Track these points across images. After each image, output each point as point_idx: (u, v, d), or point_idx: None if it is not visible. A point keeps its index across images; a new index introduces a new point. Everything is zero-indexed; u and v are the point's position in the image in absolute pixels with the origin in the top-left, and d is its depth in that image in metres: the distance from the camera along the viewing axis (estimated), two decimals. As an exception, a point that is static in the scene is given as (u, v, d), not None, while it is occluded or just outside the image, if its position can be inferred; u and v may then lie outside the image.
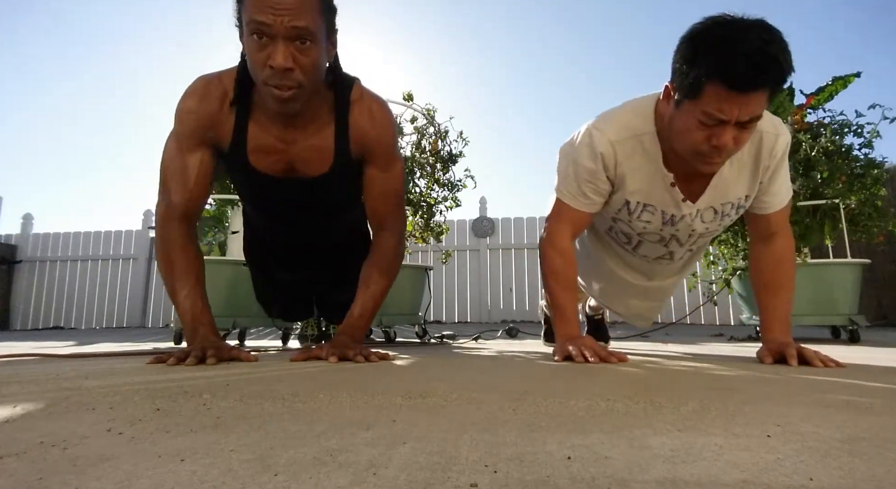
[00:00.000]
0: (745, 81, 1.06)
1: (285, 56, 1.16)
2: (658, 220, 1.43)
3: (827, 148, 2.69)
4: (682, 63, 1.15)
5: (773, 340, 1.30)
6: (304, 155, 1.39)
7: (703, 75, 1.09)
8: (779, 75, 1.07)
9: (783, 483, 0.37)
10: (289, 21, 1.13)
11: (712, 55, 1.08)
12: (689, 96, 1.14)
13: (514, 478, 0.39)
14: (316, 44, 1.19)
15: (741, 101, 1.08)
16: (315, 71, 1.23)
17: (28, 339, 3.74)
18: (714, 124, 1.13)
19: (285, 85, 1.19)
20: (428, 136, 3.03)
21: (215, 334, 1.33)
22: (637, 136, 1.32)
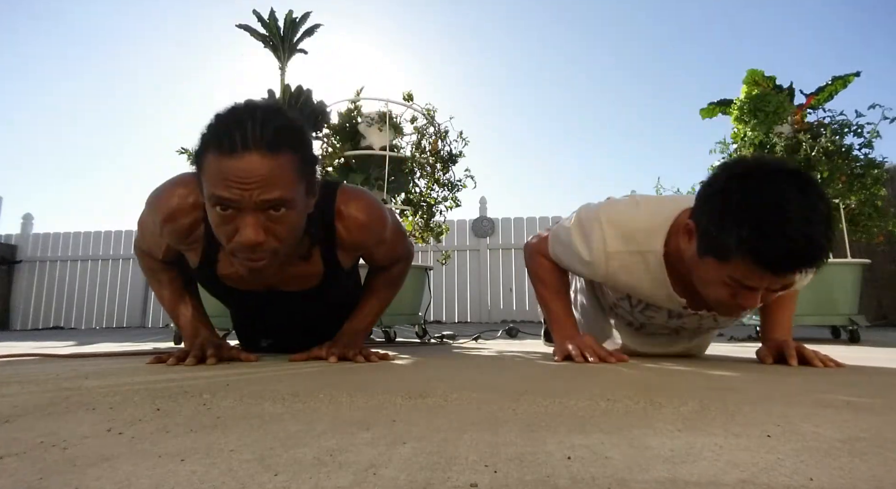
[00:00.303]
0: (782, 268, 0.96)
1: (255, 231, 0.99)
2: (663, 316, 1.37)
3: (827, 148, 2.69)
4: (710, 220, 1.03)
5: (773, 340, 1.30)
6: (287, 279, 1.28)
7: (733, 247, 0.97)
8: (819, 261, 0.96)
9: (783, 483, 0.37)
10: (258, 195, 0.97)
11: (746, 230, 0.95)
12: (715, 256, 1.03)
13: (514, 478, 0.39)
14: (293, 209, 1.03)
15: (774, 278, 0.99)
16: (291, 235, 1.08)
17: (28, 339, 3.74)
18: (741, 288, 1.03)
19: (257, 257, 1.04)
20: (428, 136, 3.03)
21: (215, 334, 1.34)
22: (641, 252, 1.21)
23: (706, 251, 1.05)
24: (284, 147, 1.00)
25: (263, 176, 0.97)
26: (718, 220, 1.01)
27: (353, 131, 2.91)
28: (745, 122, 2.90)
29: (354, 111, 2.95)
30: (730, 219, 0.99)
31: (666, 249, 1.19)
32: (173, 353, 1.21)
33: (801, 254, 0.94)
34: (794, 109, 2.91)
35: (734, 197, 1.00)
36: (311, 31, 2.78)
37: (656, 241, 1.19)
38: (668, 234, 1.19)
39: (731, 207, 0.99)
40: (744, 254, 0.97)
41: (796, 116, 2.90)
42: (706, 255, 1.05)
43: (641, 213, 1.25)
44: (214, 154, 0.98)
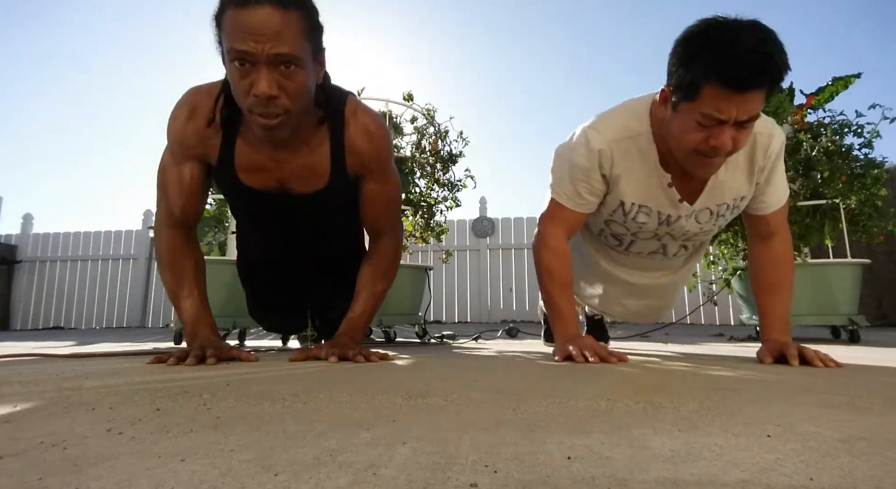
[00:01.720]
0: (743, 81, 1.06)
1: (269, 83, 1.10)
2: (654, 220, 1.44)
3: (827, 148, 2.69)
4: (678, 65, 1.15)
5: (772, 340, 1.30)
6: (297, 173, 1.35)
7: (700, 77, 1.09)
8: (776, 73, 1.07)
9: (783, 483, 0.37)
10: (271, 48, 1.08)
11: (708, 56, 1.08)
12: (686, 98, 1.14)
13: (514, 478, 0.39)
14: (302, 68, 1.14)
15: (739, 101, 1.08)
16: (302, 95, 1.18)
17: (28, 339, 3.74)
18: (712, 125, 1.12)
19: (271, 112, 1.14)
20: (428, 136, 3.03)
21: (215, 334, 1.34)
22: (633, 136, 1.32)
23: (679, 97, 1.16)
24: (293, 5, 1.11)
25: (275, 30, 1.08)
26: (685, 58, 1.13)
27: (353, 131, 2.90)
28: (745, 122, 2.89)
29: (354, 111, 2.94)
30: (694, 53, 1.11)
31: (653, 129, 1.31)
32: (173, 353, 1.21)
33: (759, 64, 1.04)
34: (794, 109, 2.90)
35: (696, 38, 1.12)
36: (311, 30, 2.77)
37: (643, 123, 1.32)
38: (650, 116, 1.31)
39: (694, 44, 1.12)
40: (709, 79, 1.08)
41: (796, 116, 2.89)
42: (680, 103, 1.16)
43: (620, 109, 1.37)
44: (232, 8, 1.09)
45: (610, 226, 1.52)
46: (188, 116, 1.29)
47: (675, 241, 1.54)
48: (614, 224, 1.50)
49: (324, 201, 1.41)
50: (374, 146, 1.37)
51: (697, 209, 1.39)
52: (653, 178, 1.35)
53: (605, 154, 1.33)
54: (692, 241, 1.56)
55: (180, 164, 1.35)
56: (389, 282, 1.53)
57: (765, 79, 1.06)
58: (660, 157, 1.32)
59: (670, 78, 1.19)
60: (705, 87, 1.09)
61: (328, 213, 1.49)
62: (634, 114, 1.33)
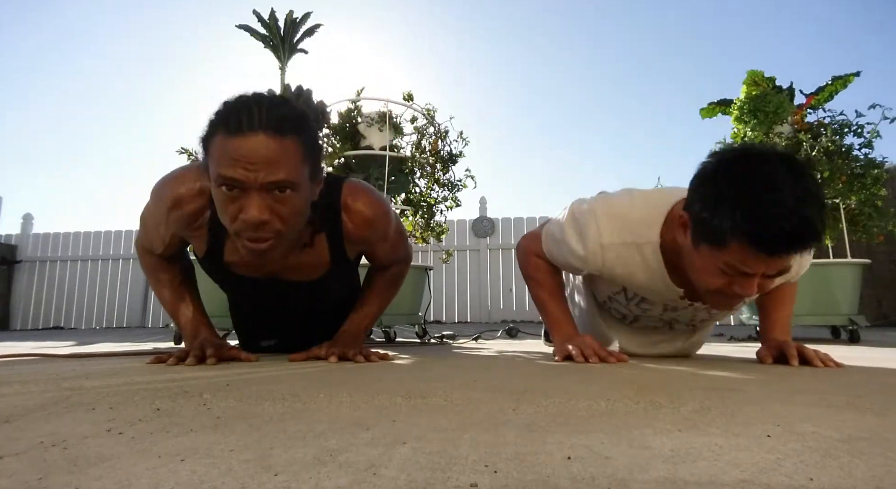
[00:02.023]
0: (777, 249, 0.96)
1: (260, 209, 1.01)
2: (659, 309, 1.37)
3: (827, 148, 2.69)
4: (703, 207, 1.03)
5: (772, 340, 1.30)
6: (294, 268, 1.29)
7: (728, 231, 0.97)
8: (814, 241, 0.96)
9: (783, 483, 0.37)
10: (265, 177, 0.99)
11: (740, 213, 0.96)
12: (710, 243, 1.02)
13: (514, 478, 0.39)
14: (297, 192, 1.05)
15: (769, 261, 0.99)
16: (296, 218, 1.09)
17: (28, 339, 3.74)
18: (737, 275, 1.03)
19: (260, 237, 1.05)
20: (428, 136, 3.03)
21: (215, 335, 1.34)
22: (637, 244, 1.21)
23: (701, 239, 1.05)
24: (290, 131, 1.02)
25: (269, 157, 0.99)
26: (712, 205, 1.01)
27: (353, 131, 2.91)
28: (745, 122, 2.90)
29: (354, 111, 2.95)
30: (723, 203, 0.99)
31: (662, 241, 1.19)
32: (173, 353, 1.21)
33: (796, 233, 0.94)
34: (794, 109, 2.91)
35: (726, 181, 1.00)
36: (312, 31, 2.78)
37: (652, 232, 1.20)
38: (663, 225, 1.19)
39: (724, 192, 1.00)
40: (739, 237, 0.97)
41: (796, 116, 2.90)
42: (701, 244, 1.05)
43: (636, 204, 1.25)
44: (222, 135, 1.00)
45: (612, 302, 1.45)
46: (170, 209, 1.19)
47: (681, 323, 1.47)
48: (617, 302, 1.43)
49: (322, 286, 1.38)
50: (374, 229, 1.31)
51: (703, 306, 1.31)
52: (659, 283, 1.25)
53: (596, 256, 1.25)
54: (702, 323, 1.48)
55: (161, 228, 1.26)
56: (396, 290, 1.53)
57: (802, 248, 0.96)
58: (667, 267, 1.21)
59: (692, 212, 1.07)
60: (733, 242, 0.98)
61: (327, 294, 1.45)
62: (646, 219, 1.21)
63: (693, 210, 1.07)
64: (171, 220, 1.22)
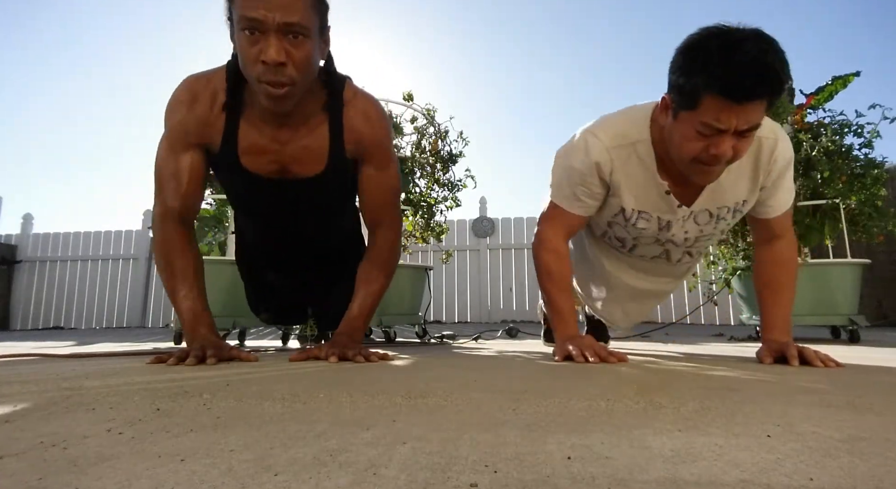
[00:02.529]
0: (744, 91, 1.05)
1: (278, 50, 1.14)
2: (654, 225, 1.44)
3: (827, 148, 2.69)
4: (679, 74, 1.14)
5: (773, 340, 1.30)
6: (297, 155, 1.37)
7: (700, 86, 1.08)
8: (776, 84, 1.06)
9: (783, 483, 0.37)
10: (281, 17, 1.12)
11: (709, 66, 1.07)
12: (686, 107, 1.13)
13: (514, 478, 0.39)
14: (309, 38, 1.18)
15: (739, 111, 1.07)
16: (308, 66, 1.21)
17: (28, 339, 3.74)
18: (712, 134, 1.12)
19: (278, 81, 1.17)
20: (428, 136, 3.03)
21: (215, 334, 1.33)
22: (632, 143, 1.32)
23: (679, 105, 1.15)
24: None
25: (286, 0, 1.13)
26: (686, 68, 1.12)
27: (353, 131, 2.90)
28: (745, 121, 2.89)
29: (354, 111, 2.94)
30: (695, 63, 1.10)
31: (653, 136, 1.31)
32: (173, 353, 1.20)
33: (761, 76, 1.03)
34: (794, 109, 2.90)
35: (697, 47, 1.11)
36: (311, 30, 2.78)
37: (643, 130, 1.32)
38: (651, 123, 1.31)
39: (694, 54, 1.11)
40: (708, 88, 1.07)
41: (796, 116, 2.89)
42: (679, 111, 1.16)
43: (621, 115, 1.37)
44: None
45: (612, 227, 1.52)
46: (190, 102, 1.31)
47: (677, 248, 1.54)
48: (616, 226, 1.50)
49: (323, 186, 1.42)
50: (373, 129, 1.39)
51: (696, 210, 1.39)
52: (651, 184, 1.35)
53: (605, 161, 1.34)
54: (695, 246, 1.56)
55: (179, 154, 1.34)
56: (388, 277, 1.51)
57: (765, 89, 1.06)
58: (658, 163, 1.33)
59: (671, 87, 1.18)
60: (705, 97, 1.09)
61: (327, 199, 1.50)
62: (634, 121, 1.34)
63: (670, 83, 1.17)
64: (193, 119, 1.31)
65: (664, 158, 1.32)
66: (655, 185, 1.35)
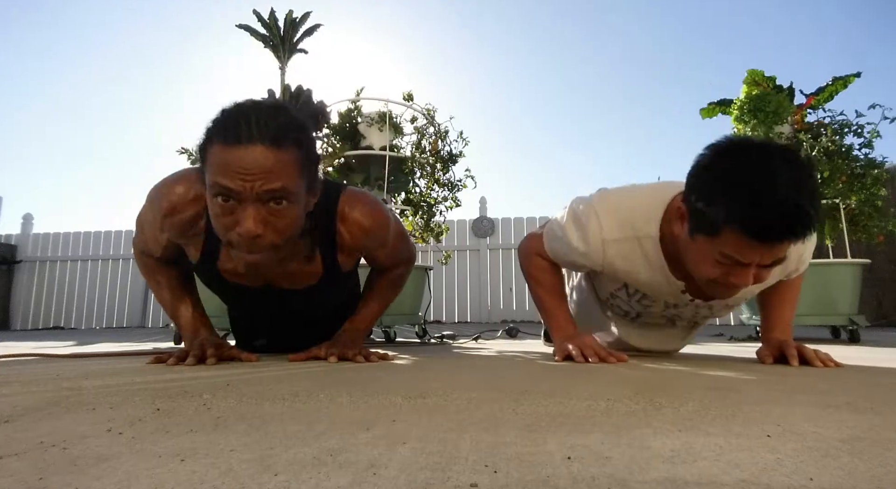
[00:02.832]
0: (772, 236, 0.97)
1: (255, 222, 0.99)
2: (660, 306, 1.38)
3: (827, 148, 2.69)
4: (699, 197, 1.04)
5: (773, 340, 1.30)
6: (287, 277, 1.29)
7: (722, 219, 0.99)
8: (807, 229, 0.97)
9: (783, 483, 0.37)
10: (261, 186, 0.98)
11: (733, 201, 0.97)
12: (705, 233, 1.04)
13: (514, 478, 0.39)
14: (293, 203, 1.04)
15: (764, 250, 0.99)
16: (291, 231, 1.08)
17: (28, 339, 3.74)
18: (733, 264, 1.03)
19: (255, 249, 1.04)
20: (428, 136, 3.03)
21: (214, 334, 1.34)
22: (637, 238, 1.23)
23: (697, 229, 1.06)
24: (288, 142, 1.01)
25: (266, 167, 0.98)
26: (708, 194, 1.02)
27: (353, 131, 2.91)
28: (745, 122, 2.90)
29: (354, 111, 2.95)
30: (718, 191, 1.00)
31: (662, 234, 1.20)
32: (173, 353, 1.21)
33: (790, 221, 0.95)
34: (794, 109, 2.90)
35: (722, 171, 1.02)
36: (312, 30, 2.78)
37: (651, 225, 1.21)
38: (662, 219, 1.20)
39: (719, 180, 1.01)
40: (733, 225, 0.98)
41: (796, 116, 2.89)
42: (698, 234, 1.06)
43: (635, 199, 1.26)
44: (219, 144, 0.99)
45: (615, 299, 1.45)
46: (166, 215, 1.18)
47: (683, 320, 1.48)
48: (619, 299, 1.44)
49: (316, 293, 1.36)
50: (372, 237, 1.30)
51: (713, 303, 1.33)
52: (660, 278, 1.26)
53: (595, 252, 1.26)
54: (705, 318, 1.49)
55: (157, 232, 1.25)
56: (397, 292, 1.52)
57: (793, 236, 0.97)
58: (667, 261, 1.22)
59: (689, 201, 1.07)
60: (727, 231, 0.99)
61: (322, 300, 1.44)
62: (645, 211, 1.22)
63: (689, 201, 1.07)
64: (167, 226, 1.20)
65: (675, 257, 1.20)
66: (666, 280, 1.25)
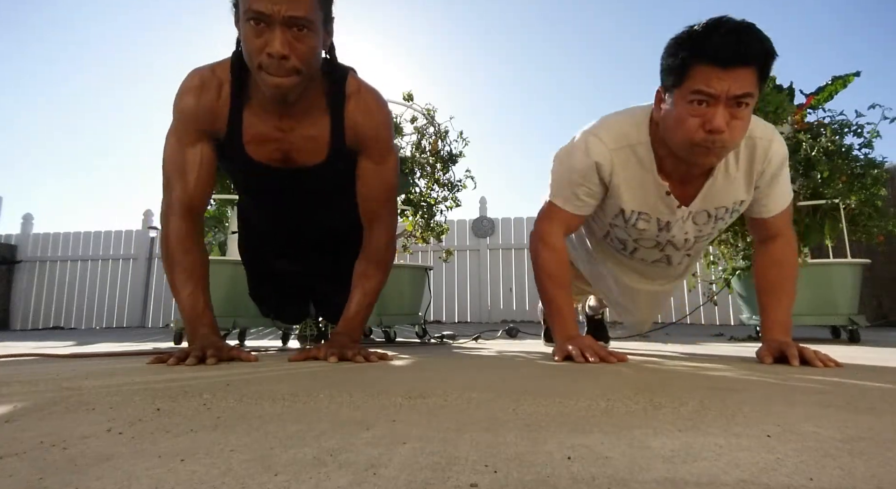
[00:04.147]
0: (728, 55, 1.08)
1: (282, 43, 1.17)
2: (654, 226, 1.44)
3: (827, 148, 2.69)
4: (667, 56, 1.18)
5: (773, 340, 1.30)
6: (299, 144, 1.39)
7: (686, 58, 1.12)
8: (760, 50, 1.09)
9: (783, 483, 0.37)
10: (286, 10, 1.15)
11: (693, 38, 1.11)
12: (676, 84, 1.16)
13: (514, 478, 0.39)
14: (313, 31, 1.20)
15: (727, 76, 1.09)
16: (312, 58, 1.23)
17: (28, 339, 3.74)
18: (705, 103, 1.13)
19: (282, 71, 1.20)
20: (428, 136, 3.03)
21: (216, 334, 1.33)
22: (631, 145, 1.33)
23: (671, 85, 1.18)
24: None
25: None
26: (673, 49, 1.16)
27: (353, 131, 2.90)
28: (745, 121, 2.90)
29: (354, 111, 2.94)
30: (678, 41, 1.15)
31: (652, 137, 1.32)
32: (174, 353, 1.21)
33: (743, 39, 1.07)
34: (794, 109, 2.90)
35: (681, 32, 1.16)
36: (311, 30, 2.78)
37: (642, 132, 1.33)
38: (649, 124, 1.32)
39: (679, 36, 1.16)
40: (692, 57, 1.11)
41: (796, 116, 2.89)
42: (671, 92, 1.18)
43: (621, 116, 1.38)
44: None
45: (613, 229, 1.52)
46: (198, 92, 1.33)
47: (678, 251, 1.54)
48: (617, 228, 1.51)
49: (324, 175, 1.44)
50: (373, 122, 1.40)
51: (695, 211, 1.40)
52: (650, 185, 1.36)
53: (605, 162, 1.34)
54: (694, 247, 1.56)
55: (187, 145, 1.36)
56: (385, 274, 1.52)
57: (750, 54, 1.08)
58: (658, 164, 1.33)
59: (661, 73, 1.22)
60: (693, 67, 1.12)
61: (330, 187, 1.51)
62: (634, 122, 1.34)
63: (662, 72, 1.21)
64: (201, 108, 1.33)
65: (664, 159, 1.32)
66: (655, 185, 1.35)
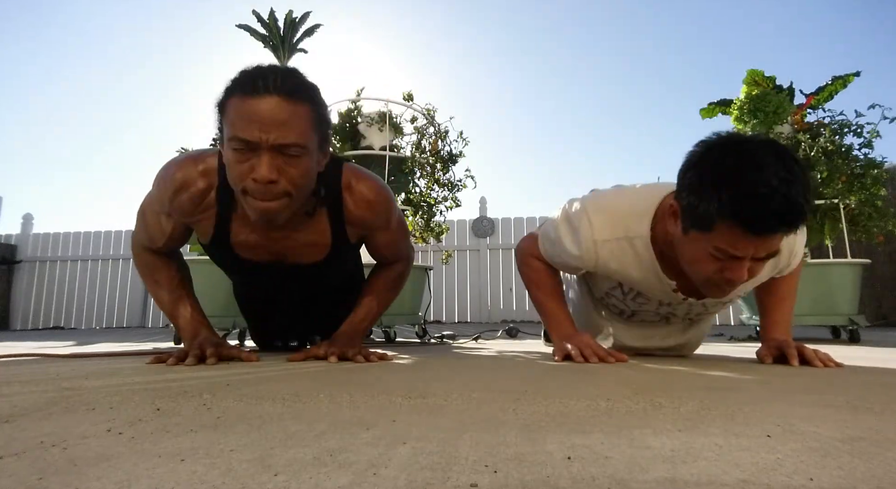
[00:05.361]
0: (763, 228, 0.98)
1: (270, 168, 1.04)
2: (654, 305, 1.38)
3: (827, 148, 2.69)
4: (690, 193, 1.05)
5: (773, 340, 1.30)
6: (297, 249, 1.32)
7: (714, 213, 0.99)
8: (799, 220, 0.98)
9: (783, 483, 0.37)
10: (276, 138, 1.03)
11: (725, 194, 0.98)
12: (699, 228, 1.04)
13: (514, 478, 0.39)
14: (306, 155, 1.09)
15: (758, 242, 1.00)
16: (304, 181, 1.12)
17: (28, 339, 3.74)
18: (727, 259, 1.04)
19: (268, 196, 1.08)
20: (428, 136, 3.03)
21: (214, 335, 1.34)
22: (628, 238, 1.23)
23: (690, 225, 1.06)
24: (303, 98, 1.08)
25: (282, 119, 1.04)
26: (699, 189, 1.03)
27: (353, 131, 2.91)
28: (745, 122, 2.90)
29: (354, 111, 2.95)
30: (709, 186, 1.01)
31: (653, 234, 1.21)
32: (173, 353, 1.21)
33: (781, 212, 0.96)
34: (794, 109, 2.90)
35: (711, 165, 1.03)
36: (311, 31, 2.78)
37: (642, 225, 1.22)
38: (654, 218, 1.21)
39: (710, 175, 1.02)
40: (725, 218, 0.99)
41: (796, 116, 2.89)
42: (690, 230, 1.07)
43: (626, 199, 1.28)
44: (237, 96, 1.05)
45: (610, 298, 1.46)
46: (176, 191, 1.21)
47: (678, 317, 1.47)
48: (614, 298, 1.44)
49: (325, 267, 1.39)
50: (376, 212, 1.33)
51: (706, 301, 1.33)
52: (652, 277, 1.26)
53: (588, 255, 1.27)
54: (700, 317, 1.48)
55: (165, 221, 1.29)
56: (395, 293, 1.53)
57: (787, 226, 0.98)
58: (659, 260, 1.23)
59: (681, 198, 1.08)
60: (720, 224, 1.00)
61: (329, 275, 1.47)
62: (636, 212, 1.23)
63: (681, 197, 1.08)
64: (176, 206, 1.23)
65: (666, 256, 1.21)
66: (658, 279, 1.26)
